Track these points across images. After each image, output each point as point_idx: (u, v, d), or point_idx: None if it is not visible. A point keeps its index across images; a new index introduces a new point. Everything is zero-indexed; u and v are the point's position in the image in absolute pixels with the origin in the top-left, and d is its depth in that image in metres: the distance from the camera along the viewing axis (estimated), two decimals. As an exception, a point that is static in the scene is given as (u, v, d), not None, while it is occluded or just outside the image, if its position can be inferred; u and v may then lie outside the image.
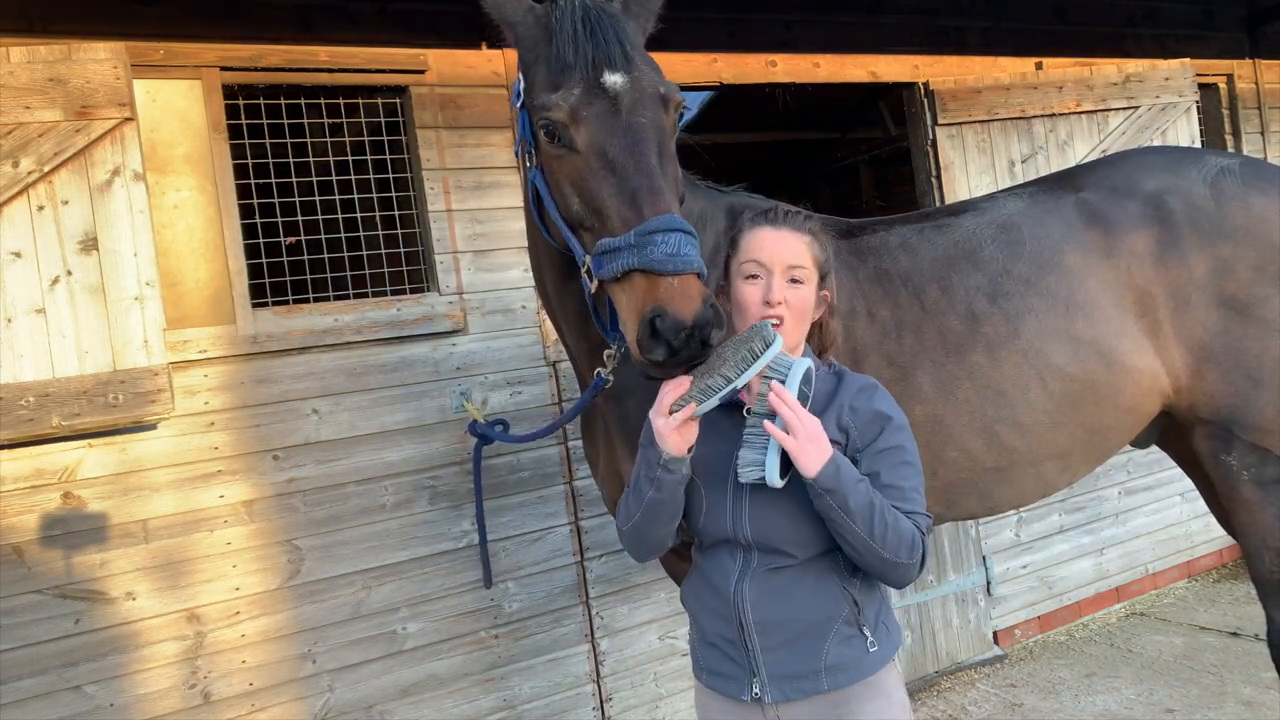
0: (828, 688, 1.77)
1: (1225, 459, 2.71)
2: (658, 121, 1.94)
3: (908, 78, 4.74)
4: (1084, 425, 2.67)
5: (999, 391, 2.60)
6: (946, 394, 2.59)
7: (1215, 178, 2.76)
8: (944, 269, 2.68)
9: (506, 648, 3.70)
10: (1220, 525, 3.20)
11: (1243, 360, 2.64)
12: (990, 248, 2.72)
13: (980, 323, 2.62)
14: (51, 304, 2.88)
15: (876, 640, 1.81)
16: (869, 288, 2.65)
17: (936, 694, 4.49)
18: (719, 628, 1.85)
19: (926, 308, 2.63)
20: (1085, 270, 2.68)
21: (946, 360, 2.60)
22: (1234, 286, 2.65)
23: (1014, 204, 2.84)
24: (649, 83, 1.96)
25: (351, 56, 3.50)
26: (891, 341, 2.60)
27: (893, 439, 1.81)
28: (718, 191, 2.69)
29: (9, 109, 2.83)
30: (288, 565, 3.36)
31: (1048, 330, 2.63)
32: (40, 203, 2.88)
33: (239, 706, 3.27)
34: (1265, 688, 4.08)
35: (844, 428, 1.81)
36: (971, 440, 2.60)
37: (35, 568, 3.01)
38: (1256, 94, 5.90)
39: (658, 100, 1.96)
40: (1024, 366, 2.61)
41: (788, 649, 1.78)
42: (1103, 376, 2.65)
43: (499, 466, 3.70)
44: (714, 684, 1.87)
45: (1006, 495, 2.72)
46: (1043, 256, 2.69)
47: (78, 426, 2.89)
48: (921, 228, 2.80)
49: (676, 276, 1.71)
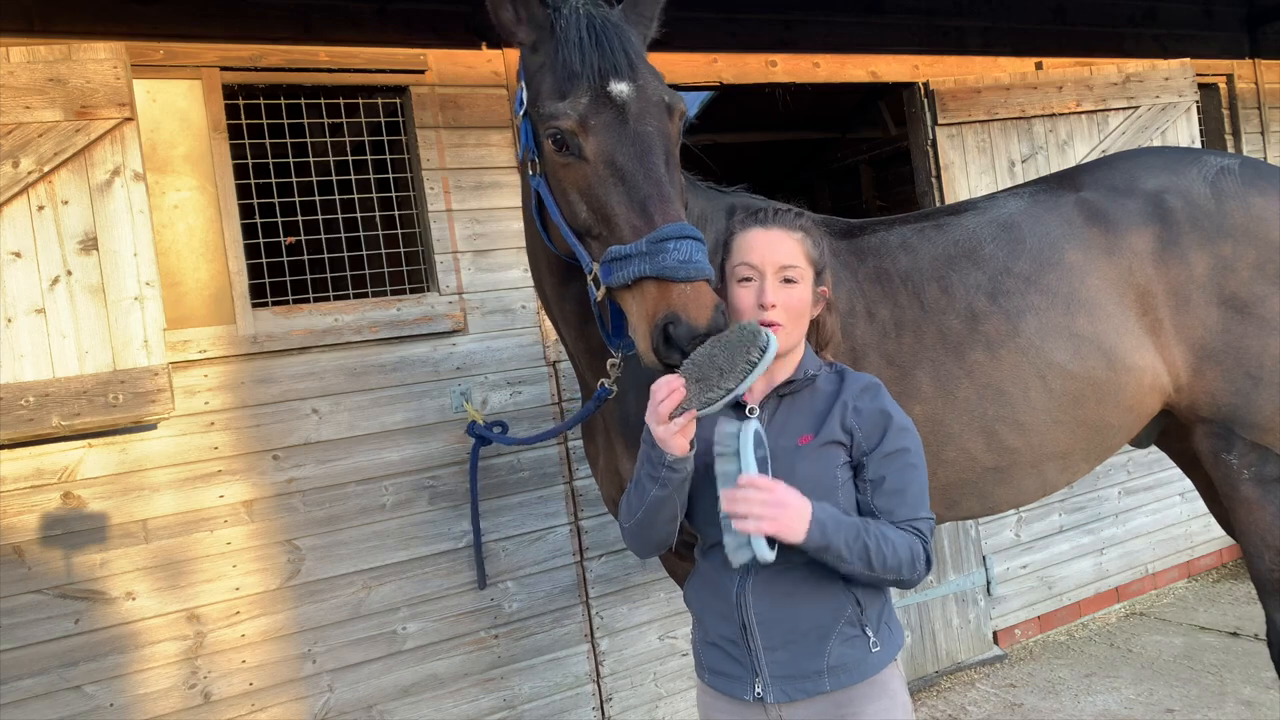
0: (830, 688, 1.77)
1: (1225, 458, 2.71)
2: (664, 130, 1.97)
3: (908, 78, 4.74)
4: (1085, 423, 2.67)
5: (999, 390, 2.59)
6: (946, 393, 2.58)
7: (1215, 177, 2.76)
8: (943, 268, 2.68)
9: (506, 648, 3.70)
10: (1220, 525, 3.20)
11: (1243, 359, 2.64)
12: (990, 246, 2.71)
13: (980, 321, 2.62)
14: (51, 304, 2.88)
15: (879, 640, 1.81)
16: (869, 287, 2.64)
17: (936, 694, 4.49)
18: (721, 628, 1.85)
19: (926, 307, 2.63)
20: (1086, 268, 2.68)
21: (946, 359, 2.59)
22: (1234, 285, 2.65)
23: (1014, 203, 2.83)
24: (654, 91, 1.98)
25: (351, 57, 3.50)
26: (891, 341, 2.59)
27: (898, 441, 1.80)
28: (718, 192, 2.69)
29: (9, 109, 2.83)
30: (288, 565, 3.36)
31: (1048, 328, 2.62)
32: (40, 203, 2.88)
33: (239, 706, 3.27)
34: (1265, 688, 4.08)
35: (848, 429, 1.80)
36: (972, 440, 2.60)
37: (35, 568, 3.01)
38: (1256, 94, 5.91)
39: (663, 109, 1.99)
40: (1024, 365, 2.60)
41: (790, 649, 1.78)
42: (1104, 374, 2.64)
43: (499, 466, 3.70)
44: (716, 684, 1.87)
45: (1007, 495, 2.72)
46: (1043, 254, 2.68)
47: (78, 426, 2.89)
48: (921, 227, 2.79)
49: (689, 283, 1.74)
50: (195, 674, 3.21)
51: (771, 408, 1.86)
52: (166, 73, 3.30)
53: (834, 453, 1.80)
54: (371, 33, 3.55)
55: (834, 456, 1.79)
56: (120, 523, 3.13)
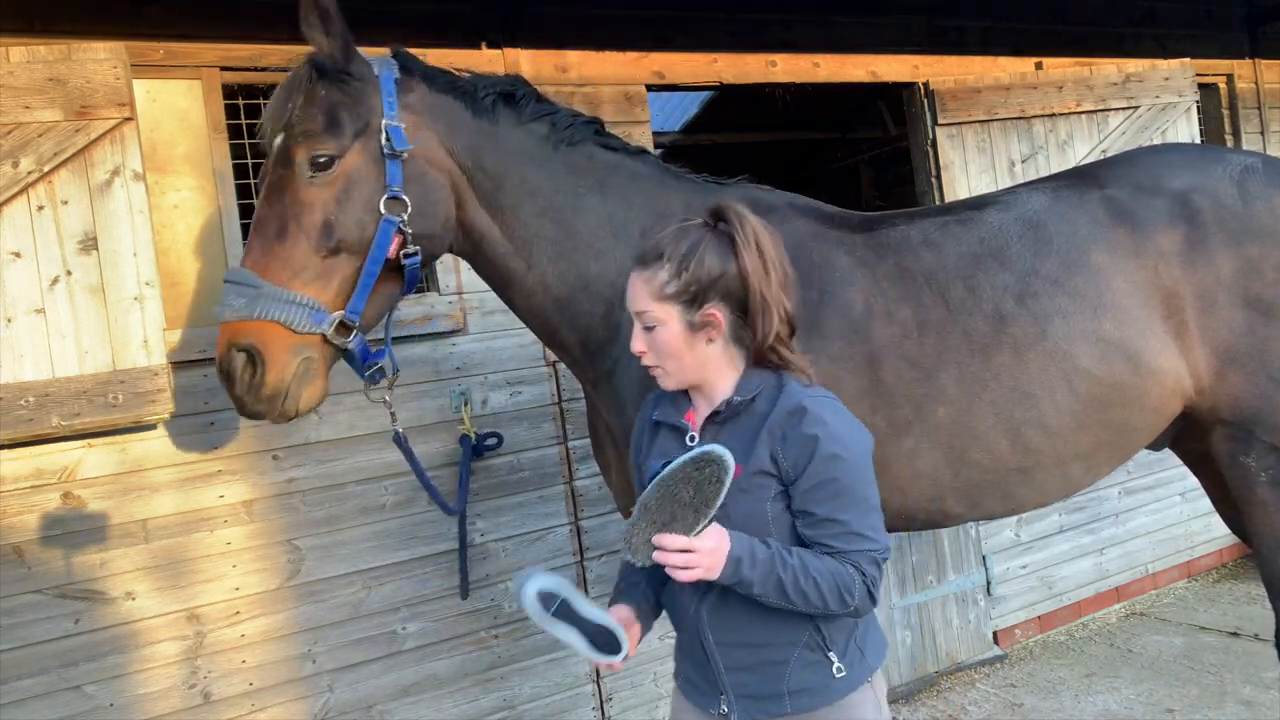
0: (792, 711, 1.76)
1: (1244, 460, 2.68)
2: (278, 174, 2.26)
3: (907, 78, 4.74)
4: (1110, 426, 2.63)
5: (1026, 393, 2.55)
6: (972, 396, 2.53)
7: (1240, 177, 2.72)
8: (970, 267, 2.62)
9: (506, 648, 3.70)
10: (1227, 525, 3.18)
11: (1267, 361, 2.61)
12: (1017, 246, 2.65)
13: (1008, 323, 2.57)
14: (51, 304, 2.88)
15: (845, 665, 1.76)
16: (888, 285, 2.58)
17: (936, 694, 4.49)
18: (687, 643, 1.87)
19: (952, 307, 2.57)
20: (1113, 270, 2.63)
21: (972, 361, 2.54)
22: (1260, 287, 2.62)
23: (1038, 200, 2.77)
24: (279, 140, 2.29)
25: (351, 56, 3.49)
26: (913, 342, 2.53)
27: (825, 471, 1.67)
28: (716, 185, 2.65)
29: (9, 109, 2.83)
30: (288, 565, 3.36)
31: (1076, 332, 2.58)
32: (40, 203, 2.88)
33: (239, 706, 3.27)
34: (1265, 688, 4.08)
35: (774, 457, 1.70)
36: (997, 442, 2.56)
37: (35, 568, 3.01)
38: (1256, 94, 5.90)
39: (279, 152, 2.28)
40: (1051, 368, 2.56)
41: (750, 672, 1.77)
42: (1129, 379, 2.60)
43: (499, 466, 3.70)
44: (688, 692, 1.89)
45: (1030, 495, 2.68)
46: (1070, 256, 2.63)
47: (78, 426, 2.89)
48: (945, 222, 2.73)
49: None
50: (195, 674, 3.21)
51: (711, 434, 1.79)
52: (166, 73, 3.30)
53: (764, 484, 1.70)
54: (371, 33, 3.54)
55: (765, 488, 1.70)
56: (120, 523, 3.13)
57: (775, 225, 2.52)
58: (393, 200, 2.22)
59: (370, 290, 2.23)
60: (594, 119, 2.57)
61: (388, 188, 2.22)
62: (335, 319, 2.19)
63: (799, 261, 2.49)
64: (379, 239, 2.20)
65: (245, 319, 2.11)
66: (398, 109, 2.27)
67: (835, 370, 2.44)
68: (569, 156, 2.48)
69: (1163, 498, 5.45)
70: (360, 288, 2.21)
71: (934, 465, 2.52)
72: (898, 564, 4.57)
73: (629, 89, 4.06)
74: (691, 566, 1.63)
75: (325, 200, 2.19)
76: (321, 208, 2.19)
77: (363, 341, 2.28)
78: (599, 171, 2.51)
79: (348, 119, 2.23)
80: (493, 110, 2.42)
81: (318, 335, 2.18)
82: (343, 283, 2.21)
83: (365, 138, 2.24)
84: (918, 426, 2.49)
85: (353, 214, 2.20)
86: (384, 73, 2.31)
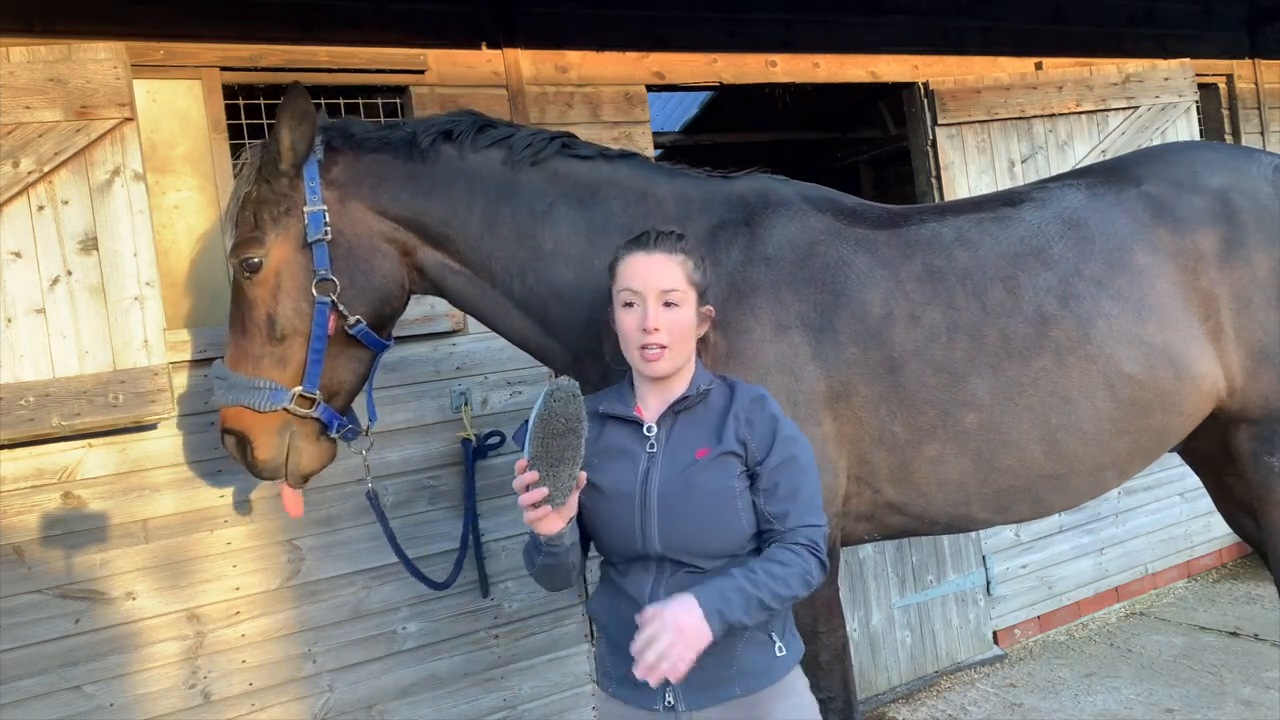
0: (740, 693, 1.81)
1: (1268, 460, 2.67)
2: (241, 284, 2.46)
3: (908, 78, 4.74)
4: (1149, 431, 2.58)
5: (1065, 398, 2.48)
6: (1007, 401, 2.45)
7: (1274, 177, 2.71)
8: (1010, 267, 2.53)
9: (506, 648, 3.70)
10: (1229, 525, 3.18)
11: None
12: (1059, 245, 2.57)
13: (1050, 326, 2.49)
14: (51, 304, 2.88)
15: (784, 645, 1.87)
16: (913, 287, 2.48)
17: (936, 694, 4.49)
18: (627, 640, 1.82)
19: (989, 309, 2.48)
20: (1155, 271, 2.57)
21: (1009, 365, 2.46)
22: None
23: (1074, 196, 2.69)
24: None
25: (351, 57, 3.50)
26: (940, 346, 2.44)
27: (787, 450, 1.85)
28: (722, 179, 2.61)
29: (9, 109, 2.83)
30: (288, 565, 3.36)
31: (1120, 335, 2.51)
32: (40, 203, 2.88)
33: (239, 706, 3.27)
34: (1265, 688, 4.09)
35: (741, 439, 1.85)
36: (1031, 448, 2.48)
37: (35, 568, 3.01)
38: (1256, 94, 5.91)
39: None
40: (1093, 373, 2.49)
41: (700, 657, 1.75)
42: (1171, 384, 2.54)
43: (499, 467, 3.70)
44: (624, 694, 1.87)
45: (1061, 500, 2.63)
46: (1113, 256, 2.57)
47: (78, 426, 2.90)
48: (979, 219, 2.62)
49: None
50: (195, 674, 3.21)
51: (669, 424, 1.90)
52: (166, 73, 3.30)
53: (730, 463, 1.84)
54: (371, 33, 3.55)
55: (731, 467, 1.83)
56: (120, 522, 3.13)
57: (786, 221, 2.50)
58: (323, 283, 2.38)
59: (321, 365, 2.42)
60: (562, 133, 2.57)
61: (315, 272, 2.38)
62: (294, 394, 2.40)
63: (810, 262, 2.45)
64: (316, 319, 2.39)
65: (224, 405, 2.43)
66: (320, 191, 2.39)
67: (848, 376, 2.39)
68: (530, 174, 2.48)
69: (1162, 498, 5.45)
70: (311, 364, 2.41)
71: (961, 472, 2.46)
72: (898, 564, 4.57)
73: (629, 89, 4.06)
74: (676, 656, 1.61)
75: (264, 297, 2.39)
76: (263, 304, 2.40)
77: (327, 409, 2.47)
78: (566, 183, 2.50)
79: (269, 219, 2.40)
80: (432, 149, 2.46)
81: (279, 411, 2.40)
82: (298, 363, 2.41)
83: (287, 232, 2.39)
84: (943, 432, 2.43)
85: (288, 304, 2.39)
86: (310, 157, 2.41)
